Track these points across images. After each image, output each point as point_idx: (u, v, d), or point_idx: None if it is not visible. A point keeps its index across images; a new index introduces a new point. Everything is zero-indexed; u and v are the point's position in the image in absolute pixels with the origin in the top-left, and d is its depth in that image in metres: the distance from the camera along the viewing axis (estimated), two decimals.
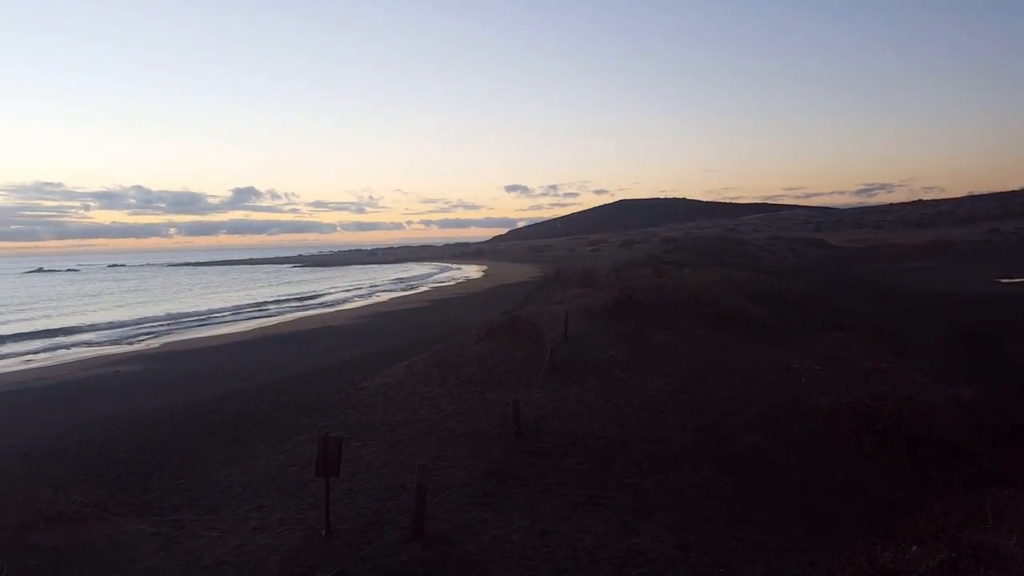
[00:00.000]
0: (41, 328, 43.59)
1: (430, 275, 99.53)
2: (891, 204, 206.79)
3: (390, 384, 16.53)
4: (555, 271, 46.94)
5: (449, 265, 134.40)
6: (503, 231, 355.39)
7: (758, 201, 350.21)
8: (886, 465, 10.37)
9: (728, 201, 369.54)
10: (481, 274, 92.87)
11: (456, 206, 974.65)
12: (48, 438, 14.55)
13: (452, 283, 77.17)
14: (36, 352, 33.08)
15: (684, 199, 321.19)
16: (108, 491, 9.77)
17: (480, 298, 49.55)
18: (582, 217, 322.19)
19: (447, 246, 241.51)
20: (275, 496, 9.41)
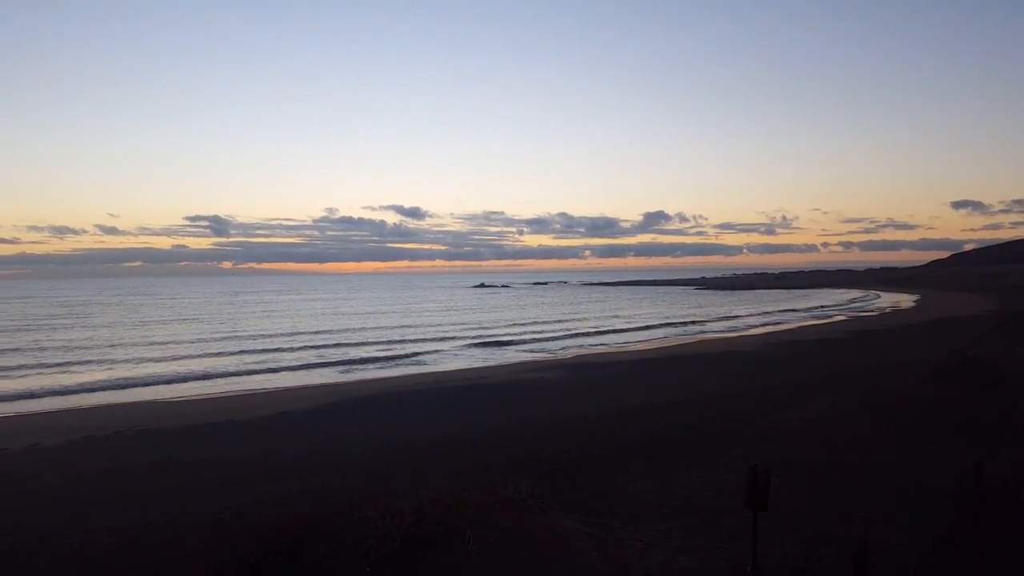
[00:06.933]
0: (487, 336, 52.79)
1: (848, 302, 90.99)
2: None
3: (809, 420, 15.26)
4: None
5: (872, 292, 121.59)
6: (944, 255, 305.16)
7: None
8: None
9: None
10: (913, 304, 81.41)
11: (884, 226, 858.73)
12: (490, 430, 17.05)
13: (876, 313, 69.16)
14: (483, 358, 39.97)
15: None
16: (543, 485, 10.87)
17: (912, 332, 43.18)
18: None
19: (869, 271, 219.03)
20: (692, 519, 9.35)
